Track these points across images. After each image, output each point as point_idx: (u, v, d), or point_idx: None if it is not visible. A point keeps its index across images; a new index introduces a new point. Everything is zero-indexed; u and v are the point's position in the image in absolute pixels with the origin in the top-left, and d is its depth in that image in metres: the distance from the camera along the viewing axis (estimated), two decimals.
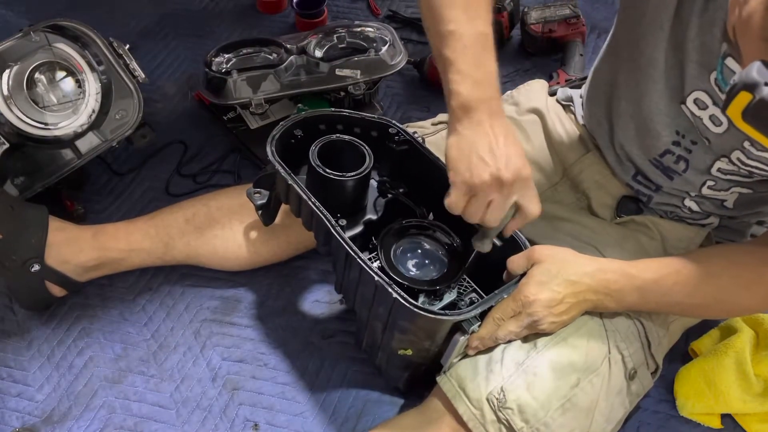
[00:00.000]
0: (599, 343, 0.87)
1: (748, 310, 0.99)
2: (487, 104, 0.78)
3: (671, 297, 0.86)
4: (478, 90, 0.78)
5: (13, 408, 1.07)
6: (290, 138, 0.99)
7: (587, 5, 1.72)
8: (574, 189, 1.06)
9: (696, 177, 0.92)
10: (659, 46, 0.85)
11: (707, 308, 0.92)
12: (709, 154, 0.89)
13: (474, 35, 0.78)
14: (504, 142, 0.78)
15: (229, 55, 1.36)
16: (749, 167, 0.86)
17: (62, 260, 1.09)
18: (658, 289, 0.85)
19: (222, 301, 1.20)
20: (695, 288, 0.85)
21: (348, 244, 0.86)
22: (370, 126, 1.01)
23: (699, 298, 0.86)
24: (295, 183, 0.92)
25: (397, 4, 1.77)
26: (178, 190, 1.35)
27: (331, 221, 0.88)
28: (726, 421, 1.07)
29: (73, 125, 1.17)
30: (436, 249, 0.95)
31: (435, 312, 0.81)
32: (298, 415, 1.07)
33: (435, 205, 0.98)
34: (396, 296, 0.81)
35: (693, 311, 0.96)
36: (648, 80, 0.89)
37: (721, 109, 0.59)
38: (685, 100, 0.86)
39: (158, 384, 1.10)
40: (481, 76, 0.78)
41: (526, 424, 0.83)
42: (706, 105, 0.84)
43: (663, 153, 0.93)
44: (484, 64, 0.78)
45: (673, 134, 0.91)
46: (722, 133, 0.85)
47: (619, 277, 0.85)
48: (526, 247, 0.89)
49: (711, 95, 0.83)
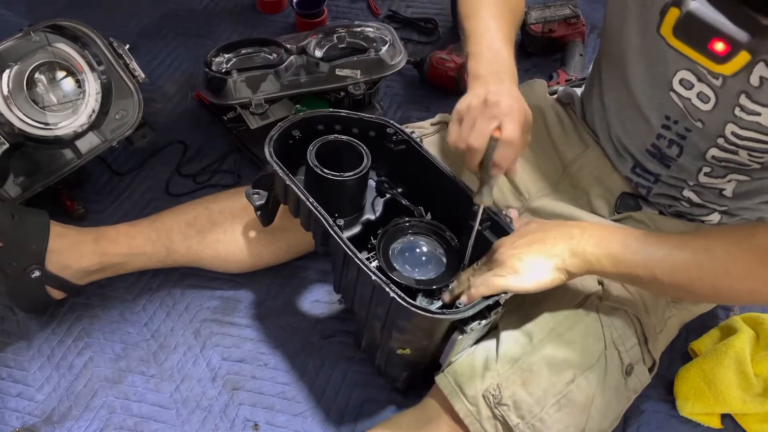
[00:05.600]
0: (595, 339, 0.88)
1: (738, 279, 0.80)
2: (496, 75, 0.88)
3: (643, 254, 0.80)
4: (488, 66, 0.90)
5: (13, 408, 1.07)
6: (288, 139, 0.99)
7: (587, 5, 1.72)
8: (573, 186, 1.06)
9: (691, 162, 0.93)
10: (631, 31, 0.89)
11: (687, 272, 0.80)
12: (704, 140, 0.89)
13: (485, 29, 0.92)
14: (503, 90, 0.86)
15: (229, 55, 1.36)
16: (745, 141, 0.85)
17: (63, 265, 1.09)
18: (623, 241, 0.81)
19: (222, 301, 1.20)
20: (675, 247, 0.80)
21: (346, 244, 0.86)
22: (368, 126, 1.01)
23: (678, 261, 0.79)
24: (293, 183, 0.92)
25: (397, 4, 1.77)
26: (178, 190, 1.35)
27: (329, 221, 0.88)
28: (726, 421, 1.07)
29: (73, 125, 1.17)
30: (434, 249, 0.95)
31: (432, 311, 0.81)
32: (298, 415, 1.07)
33: (433, 205, 0.99)
34: (393, 296, 0.81)
35: (672, 277, 0.80)
36: (629, 66, 0.92)
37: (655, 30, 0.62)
38: (671, 84, 0.87)
39: (158, 384, 1.10)
40: (490, 56, 0.90)
41: (522, 420, 0.83)
42: (692, 83, 0.85)
43: (657, 137, 0.94)
44: (494, 49, 0.91)
45: (662, 118, 0.92)
46: (712, 109, 0.85)
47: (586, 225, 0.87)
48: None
49: (694, 72, 0.84)
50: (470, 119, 0.86)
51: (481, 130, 0.85)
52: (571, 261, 0.82)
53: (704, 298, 0.95)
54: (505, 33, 0.93)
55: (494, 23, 0.92)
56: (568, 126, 1.09)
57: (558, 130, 1.09)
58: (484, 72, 0.89)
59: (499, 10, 0.94)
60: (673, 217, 1.01)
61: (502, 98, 0.85)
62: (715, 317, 1.17)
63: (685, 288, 0.81)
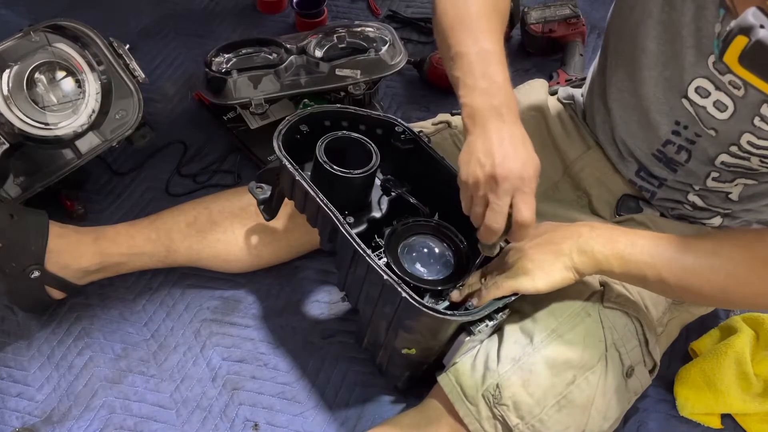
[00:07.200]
0: (596, 340, 0.87)
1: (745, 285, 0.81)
2: (495, 110, 0.79)
3: (650, 256, 0.81)
4: (485, 99, 0.79)
5: (13, 408, 1.07)
6: (296, 133, 0.99)
7: (587, 5, 1.72)
8: (574, 187, 1.06)
9: (700, 168, 0.92)
10: (650, 34, 0.87)
11: (694, 275, 0.81)
12: (714, 146, 0.89)
13: (478, 53, 0.81)
14: (506, 143, 0.78)
15: (229, 55, 1.36)
16: (761, 150, 0.84)
17: (62, 266, 1.08)
18: (632, 242, 0.82)
19: (222, 301, 1.20)
20: (683, 250, 0.80)
21: (357, 242, 0.85)
22: (376, 124, 1.01)
23: (685, 265, 0.80)
24: (303, 178, 0.91)
25: (397, 4, 1.77)
26: (178, 190, 1.35)
27: (340, 218, 0.87)
28: (726, 421, 1.07)
29: (73, 125, 1.17)
30: (443, 249, 0.95)
31: (443, 312, 0.81)
32: (298, 415, 1.07)
33: (440, 205, 0.98)
34: (405, 295, 0.81)
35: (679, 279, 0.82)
36: (642, 69, 0.90)
37: (717, 58, 0.60)
38: (686, 91, 0.86)
39: (158, 384, 1.10)
40: (486, 86, 0.79)
41: (522, 421, 0.83)
42: (708, 92, 0.84)
43: (664, 143, 0.93)
44: (489, 76, 0.80)
45: (672, 124, 0.91)
46: (729, 118, 0.84)
47: (594, 224, 0.86)
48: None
49: (712, 80, 0.83)
50: (481, 198, 0.79)
51: (497, 212, 0.78)
52: (579, 259, 0.83)
53: (711, 300, 0.95)
54: (501, 52, 0.83)
55: (486, 39, 0.82)
56: (570, 126, 1.09)
57: (559, 130, 1.08)
58: (479, 106, 0.80)
59: (489, 23, 0.84)
60: (675, 220, 1.00)
61: (510, 166, 0.77)
62: (715, 317, 1.17)
63: (692, 290, 0.82)
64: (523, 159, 0.78)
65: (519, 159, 0.78)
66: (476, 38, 0.82)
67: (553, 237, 0.85)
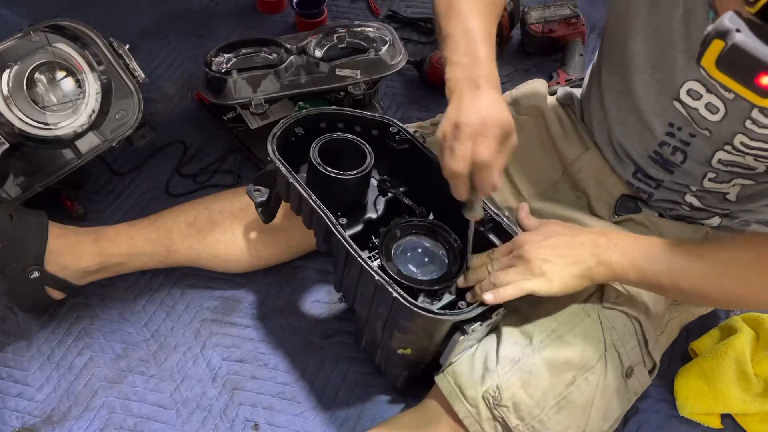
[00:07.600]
0: (595, 341, 0.88)
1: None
2: (473, 81, 0.83)
3: (666, 264, 0.82)
4: (464, 72, 0.83)
5: (13, 408, 1.07)
6: (291, 136, 0.99)
7: (587, 5, 1.72)
8: (573, 187, 1.06)
9: (696, 168, 0.93)
10: (637, 37, 0.88)
11: (710, 282, 0.82)
12: (709, 146, 0.89)
13: (462, 32, 0.85)
14: (478, 102, 0.81)
15: (229, 55, 1.36)
16: (754, 150, 0.85)
17: (62, 266, 1.08)
18: (648, 251, 0.83)
19: (222, 301, 1.20)
20: (698, 257, 0.82)
21: (349, 243, 0.86)
22: (371, 124, 1.01)
23: (699, 272, 0.82)
24: (296, 181, 0.91)
25: (397, 4, 1.77)
26: (178, 190, 1.35)
27: (332, 220, 0.88)
28: (726, 421, 1.07)
29: (73, 125, 1.17)
30: (437, 249, 0.95)
31: (435, 312, 0.81)
32: (298, 415, 1.07)
33: (435, 205, 0.98)
34: (396, 296, 0.81)
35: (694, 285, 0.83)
36: (634, 72, 0.91)
37: (696, 61, 0.60)
38: (678, 94, 0.87)
39: (158, 384, 1.10)
40: (468, 62, 0.84)
41: (522, 422, 0.83)
42: (700, 94, 0.85)
43: (660, 144, 0.93)
44: (473, 53, 0.84)
45: (666, 125, 0.92)
46: (721, 120, 0.85)
47: (611, 234, 0.87)
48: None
49: (703, 83, 0.84)
50: (448, 147, 0.82)
51: (458, 156, 0.80)
52: (597, 269, 0.84)
53: (725, 305, 1.00)
54: (486, 31, 0.86)
55: (475, 21, 0.86)
56: (568, 126, 1.09)
57: (558, 130, 1.08)
58: (459, 77, 0.83)
59: (476, 4, 0.88)
60: (674, 220, 1.01)
61: (473, 116, 0.80)
62: (715, 317, 1.17)
63: (707, 297, 0.85)
64: (488, 111, 0.81)
65: (484, 110, 0.81)
66: (463, 18, 0.86)
67: (571, 242, 0.86)
